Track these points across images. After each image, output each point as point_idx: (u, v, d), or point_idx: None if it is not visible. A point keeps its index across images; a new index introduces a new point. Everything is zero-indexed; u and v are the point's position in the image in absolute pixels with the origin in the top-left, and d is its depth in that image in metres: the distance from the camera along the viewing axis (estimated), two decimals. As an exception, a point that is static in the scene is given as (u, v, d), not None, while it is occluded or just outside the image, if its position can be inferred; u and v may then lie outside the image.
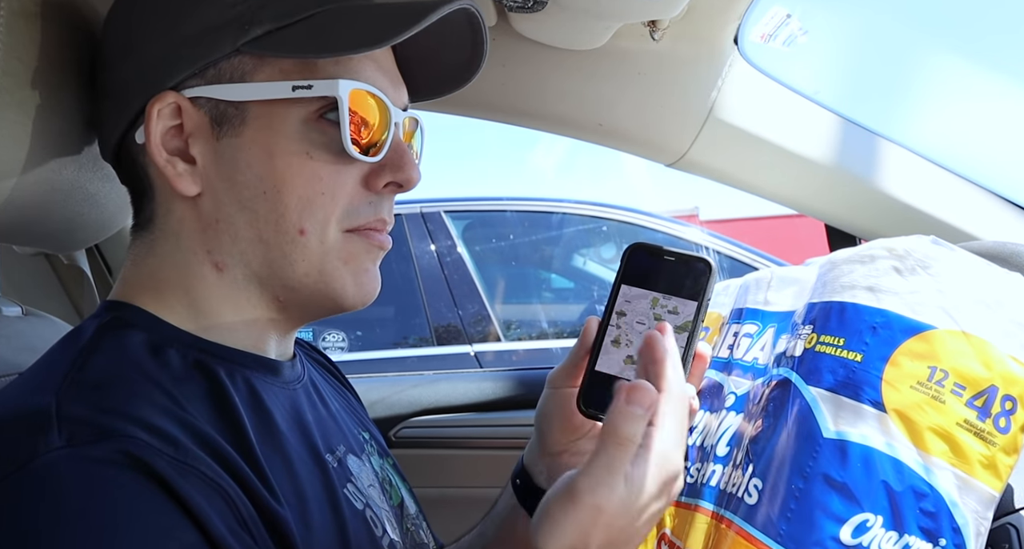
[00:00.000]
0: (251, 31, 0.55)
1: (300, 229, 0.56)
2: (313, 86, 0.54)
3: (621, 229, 2.97)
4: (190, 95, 0.56)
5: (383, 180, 0.58)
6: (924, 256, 0.67)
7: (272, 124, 0.55)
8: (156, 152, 0.56)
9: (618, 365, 0.55)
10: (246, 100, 0.55)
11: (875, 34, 57.09)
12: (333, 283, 0.58)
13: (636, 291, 0.55)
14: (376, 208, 0.59)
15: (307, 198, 0.55)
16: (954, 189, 1.10)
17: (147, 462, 0.43)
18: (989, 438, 0.59)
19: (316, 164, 0.56)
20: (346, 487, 0.59)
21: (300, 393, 0.62)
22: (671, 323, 0.54)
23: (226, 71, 0.56)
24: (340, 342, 2.64)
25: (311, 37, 0.55)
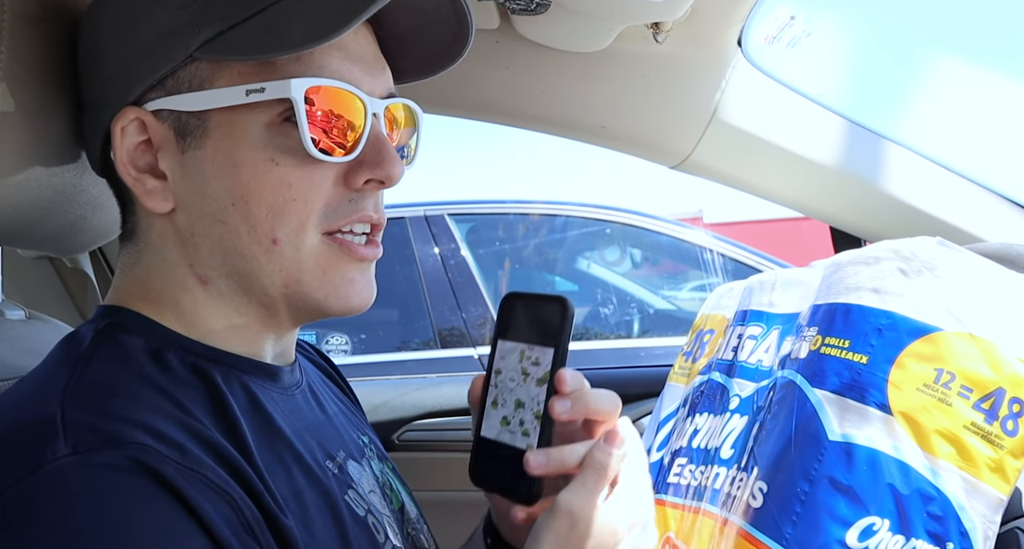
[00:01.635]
0: (201, 34, 0.52)
1: (273, 238, 0.53)
2: (265, 88, 0.51)
3: (625, 232, 2.96)
4: (152, 108, 0.54)
5: (362, 177, 0.55)
6: (930, 258, 0.66)
7: (234, 132, 0.53)
8: (124, 171, 0.55)
9: (495, 429, 0.52)
10: (205, 109, 0.53)
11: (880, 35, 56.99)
12: (314, 293, 0.56)
13: (508, 345, 0.53)
14: (357, 205, 0.56)
15: (278, 206, 0.53)
16: (960, 191, 1.09)
17: (155, 468, 0.43)
18: (996, 441, 0.59)
19: (283, 170, 0.53)
20: (347, 494, 0.58)
21: (299, 398, 0.62)
22: (534, 376, 0.51)
23: (184, 79, 0.53)
24: (343, 345, 2.64)
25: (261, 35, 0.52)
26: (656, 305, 3.06)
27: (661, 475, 0.86)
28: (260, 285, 0.55)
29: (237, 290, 0.56)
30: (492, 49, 1.02)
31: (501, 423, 0.52)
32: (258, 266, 0.54)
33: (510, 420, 0.52)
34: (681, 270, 3.24)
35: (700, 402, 0.86)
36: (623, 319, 2.89)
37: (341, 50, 0.55)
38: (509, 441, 0.51)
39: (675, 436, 0.88)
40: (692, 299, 3.16)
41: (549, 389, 0.50)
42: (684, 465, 0.82)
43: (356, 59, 0.56)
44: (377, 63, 0.58)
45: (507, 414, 0.52)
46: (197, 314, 0.56)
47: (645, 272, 3.18)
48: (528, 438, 0.50)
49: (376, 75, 0.57)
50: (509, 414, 0.52)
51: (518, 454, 0.50)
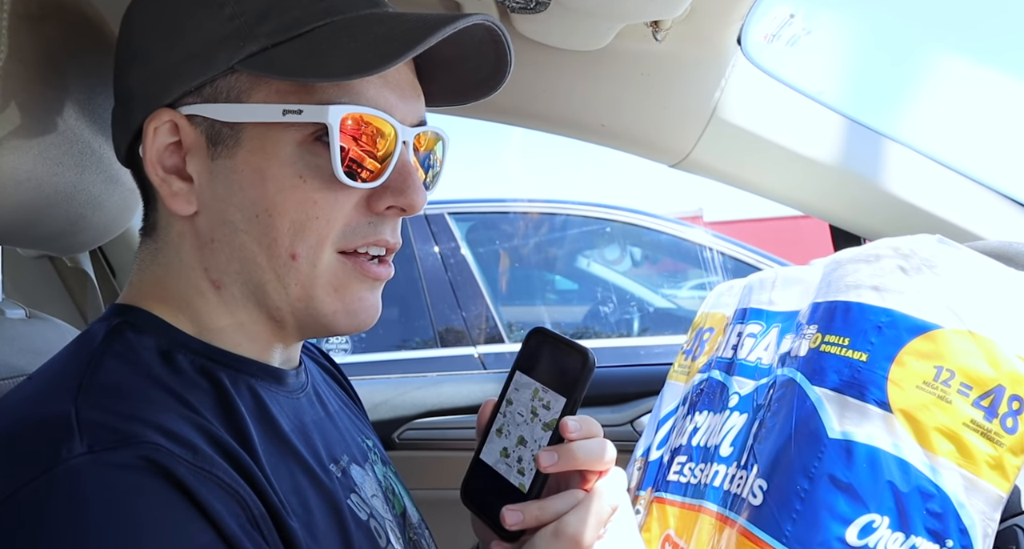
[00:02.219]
0: (245, 48, 0.53)
1: (292, 253, 0.54)
2: (303, 111, 0.52)
3: (625, 231, 2.97)
4: (187, 112, 0.55)
5: (384, 203, 0.56)
6: (930, 255, 0.66)
7: (265, 146, 0.54)
8: (152, 170, 0.55)
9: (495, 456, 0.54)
10: (240, 121, 0.54)
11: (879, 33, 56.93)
12: (324, 309, 0.56)
13: (525, 379, 0.54)
14: (376, 228, 0.57)
15: (300, 222, 0.54)
16: (959, 188, 1.09)
17: (168, 468, 0.43)
18: (996, 438, 0.59)
19: (309, 188, 0.54)
20: (350, 498, 0.58)
21: (304, 402, 0.62)
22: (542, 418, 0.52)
23: (222, 89, 0.54)
24: (344, 344, 2.64)
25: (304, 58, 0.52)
26: (656, 303, 3.06)
27: (661, 473, 0.86)
28: (273, 297, 0.56)
29: (249, 299, 0.57)
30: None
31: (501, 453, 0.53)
32: (273, 278, 0.55)
33: (510, 453, 0.53)
34: (681, 268, 3.24)
35: (700, 400, 0.86)
36: (623, 317, 2.89)
37: (380, 78, 0.56)
38: (504, 473, 0.53)
39: (675, 434, 0.88)
40: (692, 297, 3.16)
41: (553, 437, 0.51)
42: (684, 463, 0.83)
43: (393, 87, 0.57)
44: (413, 91, 0.59)
45: (508, 446, 0.53)
46: (208, 317, 0.57)
47: (645, 270, 3.18)
48: (522, 477, 0.51)
49: (410, 103, 0.58)
50: (511, 447, 0.53)
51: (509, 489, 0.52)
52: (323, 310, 0.56)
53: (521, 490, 0.51)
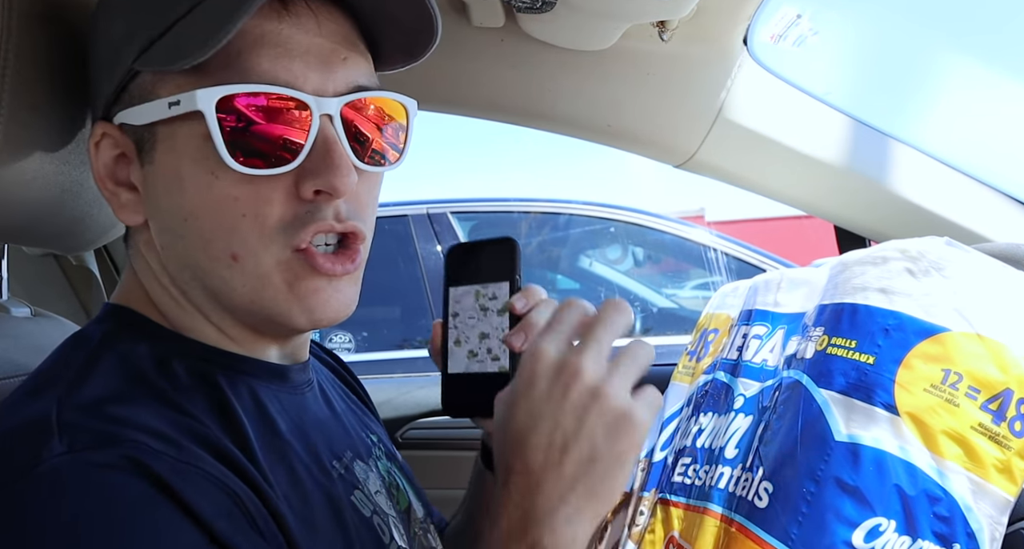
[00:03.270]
0: (136, 44, 0.50)
1: (232, 254, 0.51)
2: (181, 101, 0.48)
3: (628, 230, 2.96)
4: (118, 122, 0.53)
5: (310, 187, 0.50)
6: (938, 258, 0.66)
7: (175, 146, 0.51)
8: (101, 185, 0.54)
9: (464, 363, 0.56)
10: (149, 122, 0.51)
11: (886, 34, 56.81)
12: (277, 307, 0.52)
13: (461, 289, 0.57)
14: (314, 216, 0.51)
15: (228, 223, 0.50)
16: (967, 190, 1.09)
17: (148, 465, 0.43)
18: (1004, 442, 0.59)
19: (225, 185, 0.49)
20: (353, 494, 0.58)
21: (308, 397, 0.61)
22: (493, 308, 0.55)
23: (134, 92, 0.52)
24: (346, 343, 2.64)
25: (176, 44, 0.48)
26: (659, 304, 3.06)
27: (665, 475, 0.86)
28: (228, 299, 0.53)
29: (213, 303, 0.55)
30: (497, 48, 1.02)
31: (468, 357, 0.55)
32: (222, 281, 0.52)
33: (477, 352, 0.55)
34: (683, 268, 3.24)
35: (704, 401, 0.86)
36: (625, 317, 2.89)
37: (277, 47, 0.50)
38: (480, 369, 0.55)
39: (679, 435, 0.88)
40: (694, 297, 3.16)
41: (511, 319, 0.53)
42: (688, 465, 0.82)
43: (299, 54, 0.50)
44: (333, 55, 0.52)
45: (472, 347, 0.55)
46: (191, 321, 0.56)
47: (647, 270, 3.18)
48: (499, 362, 0.54)
49: (331, 69, 0.51)
50: (475, 347, 0.55)
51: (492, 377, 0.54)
52: (277, 309, 0.53)
53: (504, 373, 0.53)
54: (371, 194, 0.57)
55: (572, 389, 0.46)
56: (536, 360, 0.47)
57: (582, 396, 0.46)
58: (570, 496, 0.45)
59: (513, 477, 0.46)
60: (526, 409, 0.46)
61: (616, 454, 0.46)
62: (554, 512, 0.44)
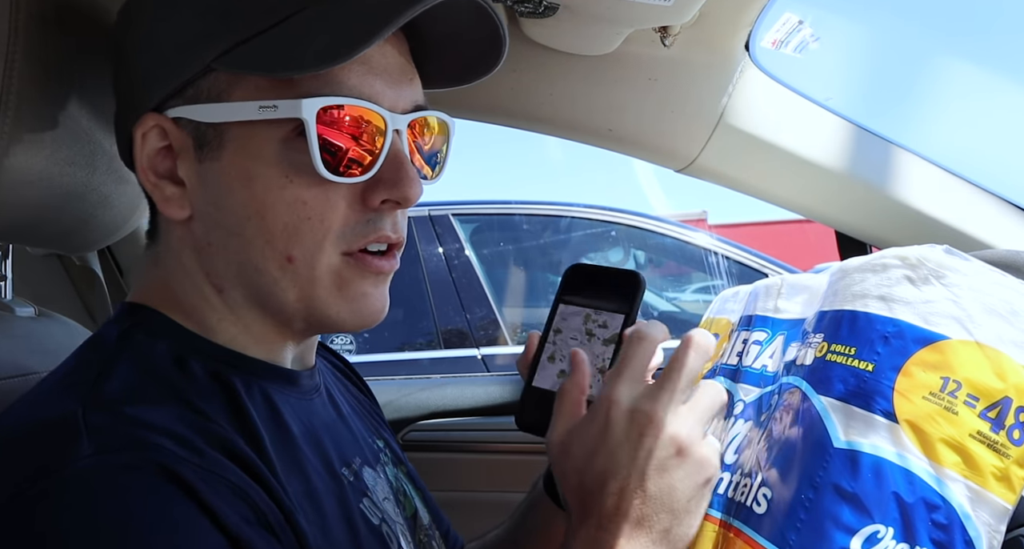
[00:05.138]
0: (218, 45, 0.51)
1: (288, 256, 0.52)
2: (278, 106, 0.50)
3: (629, 233, 2.97)
4: (173, 115, 0.54)
5: (379, 197, 0.54)
6: (937, 265, 0.66)
7: (249, 146, 0.52)
8: (143, 176, 0.55)
9: (551, 380, 0.56)
10: (222, 121, 0.52)
11: (888, 40, 56.85)
12: (327, 310, 0.55)
13: (572, 309, 0.57)
14: (374, 225, 0.54)
15: (293, 225, 0.52)
16: (967, 197, 1.09)
17: (175, 471, 0.43)
18: (1003, 450, 0.59)
19: (297, 188, 0.52)
20: (362, 502, 0.58)
21: (317, 403, 0.62)
22: (600, 336, 0.55)
23: (204, 89, 0.53)
24: (348, 344, 2.64)
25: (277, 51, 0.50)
26: (660, 307, 3.06)
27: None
28: (275, 299, 0.55)
29: (252, 302, 0.56)
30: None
31: (558, 375, 0.56)
32: (272, 281, 0.54)
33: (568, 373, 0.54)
34: (685, 272, 3.24)
35: (704, 406, 0.86)
36: (627, 321, 2.89)
37: (363, 64, 0.53)
38: None
39: (679, 440, 0.88)
40: (695, 301, 3.16)
41: (617, 347, 0.54)
42: (688, 469, 0.82)
43: (379, 72, 0.54)
44: (403, 75, 0.56)
45: (565, 368, 0.56)
46: (215, 320, 0.57)
47: (649, 274, 3.18)
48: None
49: (401, 88, 0.55)
50: (568, 367, 0.55)
51: None
52: (327, 311, 0.55)
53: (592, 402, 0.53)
54: None
55: (646, 436, 0.48)
56: (609, 406, 0.49)
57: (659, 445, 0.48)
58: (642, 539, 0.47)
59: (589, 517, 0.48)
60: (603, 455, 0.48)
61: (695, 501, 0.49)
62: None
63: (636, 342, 0.51)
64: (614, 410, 0.49)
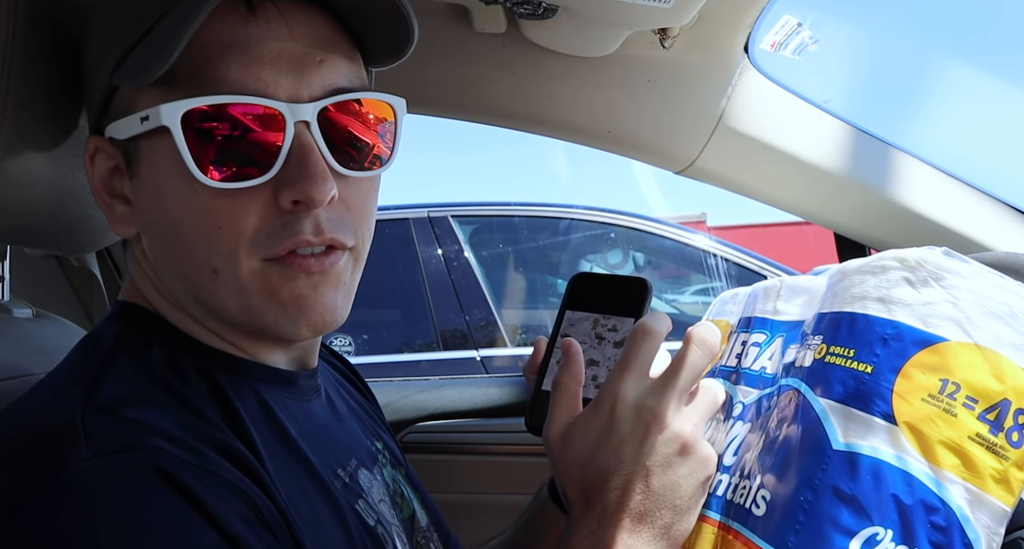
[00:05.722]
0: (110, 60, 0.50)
1: (212, 268, 0.51)
2: (149, 116, 0.48)
3: (628, 235, 2.97)
4: (108, 135, 0.53)
5: (286, 198, 0.49)
6: (936, 267, 0.66)
7: (156, 159, 0.50)
8: (98, 197, 0.55)
9: None
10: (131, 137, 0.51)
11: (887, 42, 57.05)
12: (264, 318, 0.52)
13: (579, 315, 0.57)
14: (291, 228, 0.50)
15: (206, 235, 0.50)
16: (967, 199, 1.09)
17: (173, 474, 0.43)
18: (1002, 452, 0.59)
19: (202, 198, 0.49)
20: (357, 504, 0.58)
21: (315, 404, 0.62)
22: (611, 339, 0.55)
23: (117, 106, 0.52)
24: (347, 346, 2.64)
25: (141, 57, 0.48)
26: (660, 309, 3.06)
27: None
28: (219, 311, 0.53)
29: (207, 314, 0.55)
30: (499, 53, 1.02)
31: None
32: (210, 293, 0.52)
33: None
34: (684, 274, 3.24)
35: (703, 408, 0.86)
36: (626, 322, 2.89)
37: (245, 54, 0.48)
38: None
39: (678, 442, 0.88)
40: (695, 303, 3.16)
41: None
42: (687, 471, 0.82)
43: (268, 60, 0.49)
44: (307, 58, 0.50)
45: None
46: (193, 326, 0.56)
47: (648, 275, 3.18)
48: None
49: (304, 73, 0.50)
50: None
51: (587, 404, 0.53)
52: (264, 319, 0.52)
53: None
54: (363, 199, 0.54)
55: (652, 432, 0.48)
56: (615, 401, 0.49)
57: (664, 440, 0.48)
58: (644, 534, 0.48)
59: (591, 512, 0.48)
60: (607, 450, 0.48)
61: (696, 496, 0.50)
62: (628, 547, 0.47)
63: (640, 338, 0.51)
64: (620, 405, 0.48)
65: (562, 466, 0.51)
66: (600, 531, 0.47)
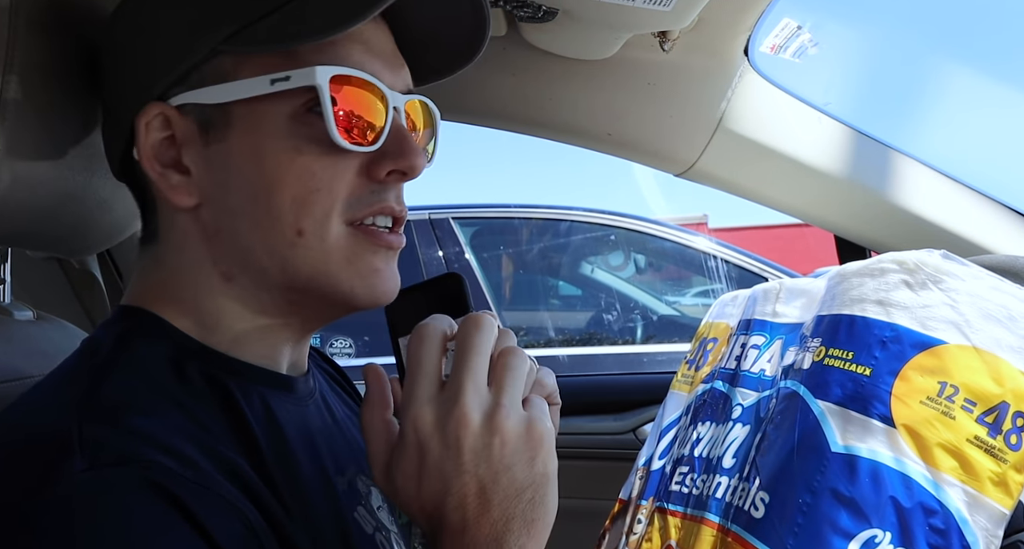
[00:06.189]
0: (222, 28, 0.52)
1: (298, 229, 0.53)
2: (291, 76, 0.52)
3: (629, 237, 2.97)
4: (176, 103, 0.54)
5: (384, 168, 0.55)
6: (935, 270, 0.66)
7: (257, 123, 0.53)
8: (149, 166, 0.55)
9: None
10: (229, 101, 0.53)
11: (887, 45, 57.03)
12: (340, 285, 0.55)
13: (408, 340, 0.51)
14: (379, 196, 0.56)
15: (301, 196, 0.52)
16: (966, 202, 1.09)
17: (166, 487, 0.43)
18: (1000, 455, 0.59)
19: (306, 159, 0.53)
20: (356, 510, 0.58)
21: (312, 409, 0.61)
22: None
23: (208, 73, 0.53)
24: (347, 348, 2.64)
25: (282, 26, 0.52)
26: (659, 311, 3.06)
27: (663, 483, 0.86)
28: (286, 278, 0.55)
29: (261, 286, 0.56)
30: (500, 56, 1.02)
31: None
32: (283, 259, 0.54)
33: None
34: (685, 276, 3.24)
35: (703, 411, 0.86)
36: (626, 324, 2.89)
37: (362, 43, 0.55)
38: None
39: (677, 444, 0.88)
40: (696, 305, 3.16)
41: None
42: (686, 474, 0.83)
43: (377, 53, 0.56)
44: (396, 59, 0.58)
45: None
46: (218, 316, 0.56)
47: (649, 277, 3.18)
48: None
49: (396, 70, 0.58)
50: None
51: None
52: (340, 286, 0.55)
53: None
54: None
55: (464, 438, 0.44)
56: (415, 425, 0.46)
57: (478, 439, 0.44)
58: (506, 537, 0.44)
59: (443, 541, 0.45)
60: (429, 478, 0.45)
61: (537, 474, 0.45)
62: None
63: (413, 347, 0.48)
64: (421, 428, 0.45)
65: (403, 508, 0.48)
66: None
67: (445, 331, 0.49)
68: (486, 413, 0.45)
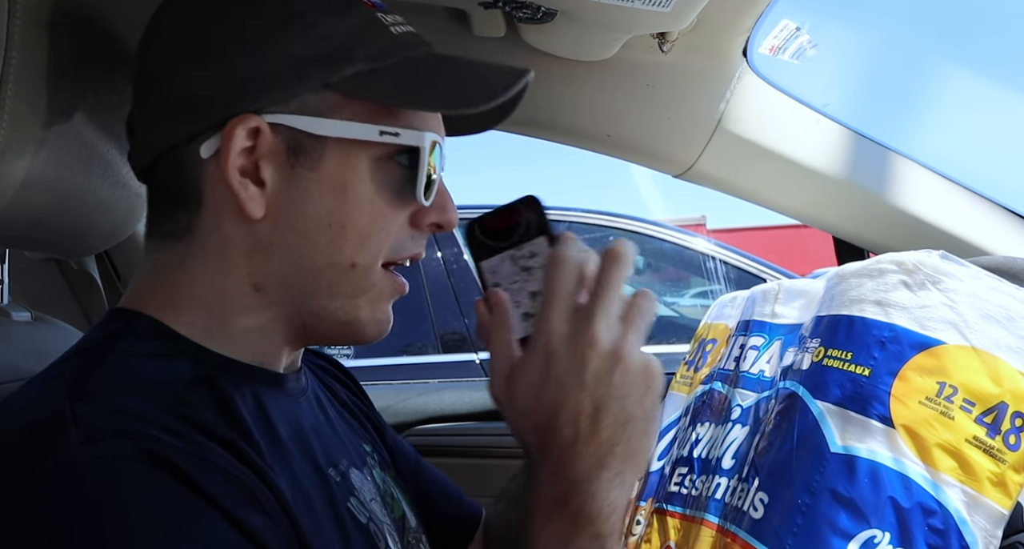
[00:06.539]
0: (343, 70, 0.56)
1: (352, 262, 0.57)
2: (400, 134, 0.57)
3: (627, 238, 2.97)
4: (270, 121, 0.55)
5: (429, 219, 0.60)
6: (934, 271, 0.66)
7: (350, 162, 0.57)
8: (231, 173, 0.55)
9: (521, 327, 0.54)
10: (329, 136, 0.56)
11: (886, 47, 57.20)
12: (363, 318, 0.59)
13: (493, 261, 0.55)
14: (416, 243, 0.61)
15: (367, 234, 0.57)
16: (965, 203, 1.09)
17: (166, 457, 0.43)
18: (999, 455, 0.59)
19: (381, 203, 0.57)
20: (349, 501, 0.59)
21: (304, 405, 0.62)
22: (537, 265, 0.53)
23: (311, 104, 0.56)
24: (346, 349, 2.64)
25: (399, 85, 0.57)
26: (659, 312, 3.06)
27: (662, 484, 0.86)
28: (315, 303, 0.58)
29: (286, 304, 0.57)
30: (498, 57, 1.02)
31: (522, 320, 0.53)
32: (326, 285, 0.57)
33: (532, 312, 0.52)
34: (683, 277, 3.24)
35: (702, 411, 0.86)
36: (625, 325, 2.89)
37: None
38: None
39: (676, 445, 0.88)
40: (694, 306, 3.16)
41: None
42: (685, 475, 0.83)
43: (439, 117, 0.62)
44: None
45: (526, 309, 0.53)
46: (231, 321, 0.56)
47: (648, 278, 3.18)
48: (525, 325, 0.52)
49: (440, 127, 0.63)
50: (528, 308, 0.53)
51: None
52: (362, 320, 0.59)
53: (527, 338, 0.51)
54: None
55: (590, 358, 0.48)
56: (548, 337, 0.49)
57: (603, 363, 0.48)
58: (609, 461, 0.47)
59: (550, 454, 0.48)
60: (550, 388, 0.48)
61: (645, 410, 0.48)
62: (594, 479, 0.47)
63: (553, 267, 0.51)
64: (553, 340, 0.49)
65: (513, 418, 0.51)
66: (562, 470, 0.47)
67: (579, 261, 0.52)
68: (614, 342, 0.49)
